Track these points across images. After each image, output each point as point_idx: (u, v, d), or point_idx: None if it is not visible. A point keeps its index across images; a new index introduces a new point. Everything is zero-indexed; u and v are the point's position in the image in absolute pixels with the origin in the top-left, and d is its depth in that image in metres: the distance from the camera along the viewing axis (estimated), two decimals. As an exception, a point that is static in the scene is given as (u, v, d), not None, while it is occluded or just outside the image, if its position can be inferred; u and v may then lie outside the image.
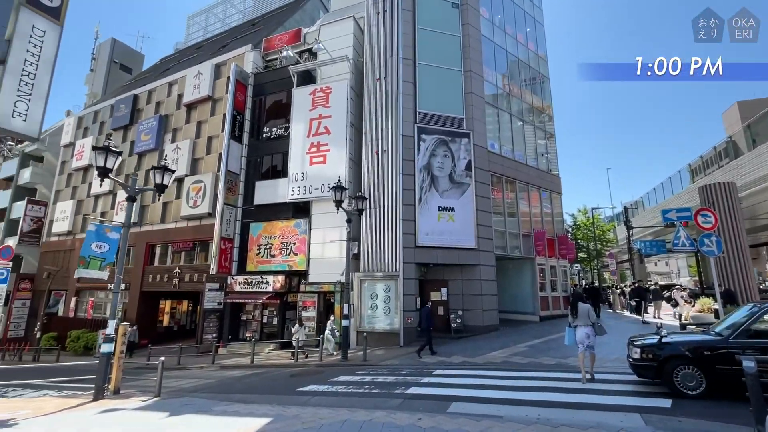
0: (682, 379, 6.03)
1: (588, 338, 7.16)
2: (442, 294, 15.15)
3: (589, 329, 7.22)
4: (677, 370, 6.08)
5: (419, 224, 14.50)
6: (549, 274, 18.14)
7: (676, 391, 6.03)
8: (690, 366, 6.02)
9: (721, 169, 21.71)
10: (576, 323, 7.39)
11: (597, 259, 36.74)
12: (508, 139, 18.25)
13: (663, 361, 6.21)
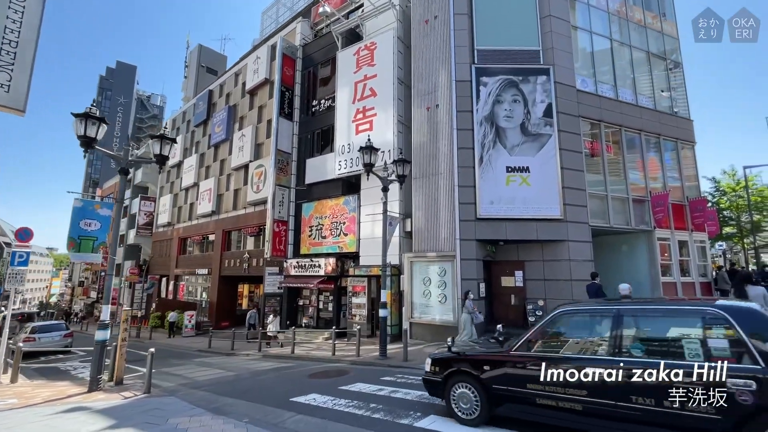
0: (458, 400, 4.73)
1: None
2: (517, 279, 11.86)
3: None
4: (455, 388, 4.79)
5: (480, 191, 11.41)
6: (676, 253, 13.23)
7: (454, 415, 4.74)
8: (468, 384, 4.67)
9: None
10: None
11: (753, 235, 27.76)
12: (608, 72, 13.63)
13: (446, 377, 4.90)
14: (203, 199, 25.75)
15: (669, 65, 15.02)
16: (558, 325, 4.50)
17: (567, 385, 3.89)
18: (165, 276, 29.52)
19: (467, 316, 9.75)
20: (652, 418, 3.50)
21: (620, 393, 3.63)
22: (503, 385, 4.36)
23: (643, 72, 14.43)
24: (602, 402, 3.72)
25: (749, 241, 28.74)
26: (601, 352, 3.98)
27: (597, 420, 3.78)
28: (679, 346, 3.70)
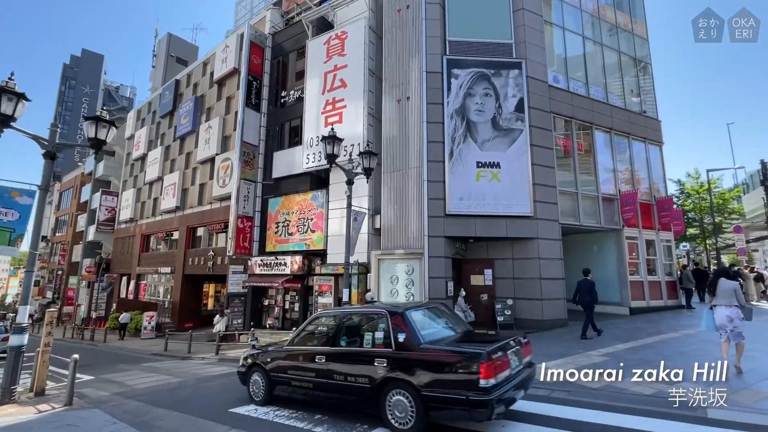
0: (253, 386, 5.91)
1: (731, 322, 5.72)
2: (486, 277, 11.55)
3: (731, 311, 5.74)
4: (252, 377, 5.94)
5: (450, 186, 11.03)
6: (643, 251, 13.28)
7: (251, 398, 5.91)
8: (259, 373, 5.85)
9: None
10: (715, 303, 6.02)
11: (715, 236, 28.80)
12: (579, 69, 13.55)
13: (248, 369, 6.03)
14: (167, 194, 24.45)
15: (638, 65, 15.12)
16: (311, 325, 5.80)
17: (305, 369, 5.26)
18: (127, 275, 27.95)
19: (460, 314, 9.25)
20: (342, 389, 4.82)
21: (329, 372, 4.95)
22: (276, 373, 5.62)
23: (614, 71, 14.46)
24: (321, 380, 5.06)
25: (711, 242, 29.83)
26: (324, 344, 5.28)
27: (320, 392, 5.12)
28: (363, 337, 4.90)
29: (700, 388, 5.19)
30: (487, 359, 3.89)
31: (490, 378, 3.85)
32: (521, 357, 4.62)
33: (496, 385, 3.91)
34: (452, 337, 4.87)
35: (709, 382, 5.41)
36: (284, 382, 5.49)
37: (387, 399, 4.37)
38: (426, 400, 4.09)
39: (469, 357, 4.00)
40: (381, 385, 4.42)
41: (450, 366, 4.10)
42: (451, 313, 6.04)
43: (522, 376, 4.41)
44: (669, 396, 5.01)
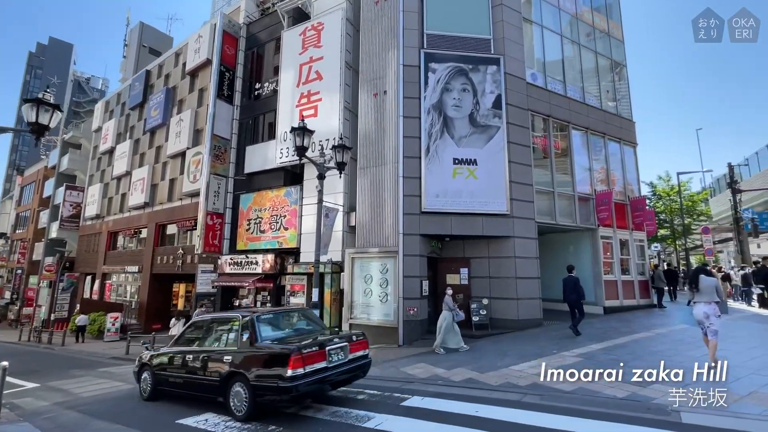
0: (143, 383, 6.74)
1: (708, 318, 5.85)
2: (462, 276, 11.32)
3: (709, 308, 5.86)
4: (142, 376, 6.79)
5: (426, 183, 10.74)
6: (618, 251, 13.35)
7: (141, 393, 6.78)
8: (148, 372, 6.68)
9: None
10: (697, 299, 6.08)
11: (684, 237, 29.68)
12: (557, 68, 13.51)
13: (140, 369, 6.87)
14: (136, 190, 23.32)
15: (614, 67, 15.25)
16: (189, 329, 6.64)
17: (179, 367, 6.04)
18: (91, 274, 26.55)
19: (448, 314, 8.71)
20: (203, 382, 5.61)
21: (195, 369, 5.75)
22: (159, 371, 6.42)
23: (591, 71, 14.52)
24: (189, 376, 5.85)
25: (681, 243, 30.77)
26: (193, 345, 6.11)
27: (189, 386, 5.92)
28: (220, 339, 5.78)
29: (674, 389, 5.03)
30: (296, 354, 4.74)
31: (297, 369, 4.70)
32: (347, 352, 5.42)
33: (305, 375, 4.75)
34: (290, 336, 5.64)
35: (682, 382, 5.28)
36: (165, 379, 6.31)
37: (230, 390, 5.15)
38: (254, 388, 4.91)
39: (282, 352, 4.89)
40: (227, 378, 5.22)
41: (270, 360, 4.96)
42: (312, 318, 6.74)
43: (347, 368, 5.35)
44: (643, 399, 4.83)
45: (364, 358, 5.73)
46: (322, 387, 5.10)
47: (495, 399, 5.24)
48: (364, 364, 5.71)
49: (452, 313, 8.74)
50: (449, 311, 8.75)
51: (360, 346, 5.69)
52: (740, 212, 18.87)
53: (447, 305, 8.78)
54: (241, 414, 4.95)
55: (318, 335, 5.63)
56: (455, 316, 8.79)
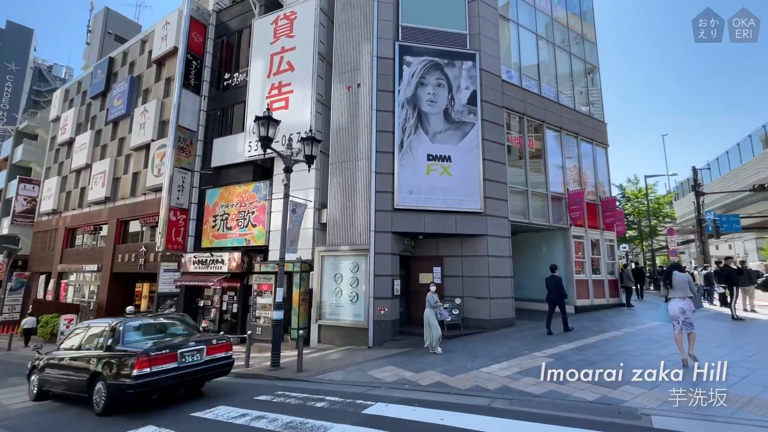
0: (31, 384, 7.34)
1: (683, 314, 6.06)
2: (435, 275, 11.07)
3: (685, 303, 6.09)
4: (32, 377, 7.35)
5: (399, 179, 10.42)
6: (589, 251, 13.47)
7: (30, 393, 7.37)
8: (36, 374, 7.23)
9: None
10: (671, 295, 6.25)
11: (651, 238, 30.75)
12: (533, 67, 13.50)
13: (31, 371, 7.49)
14: (96, 183, 21.95)
15: (587, 68, 15.43)
16: (72, 333, 7.15)
17: (59, 368, 6.62)
18: (46, 273, 24.87)
19: (430, 312, 8.24)
20: (74, 382, 6.24)
21: (70, 369, 6.37)
22: (44, 373, 6.91)
23: (565, 72, 14.61)
24: (66, 376, 6.43)
25: (647, 244, 31.86)
26: (72, 349, 6.62)
27: (66, 386, 6.47)
28: (95, 341, 6.29)
29: (644, 391, 4.88)
30: (143, 356, 5.34)
31: (143, 369, 5.28)
32: (204, 354, 6.06)
33: (151, 374, 5.33)
34: (157, 341, 6.05)
35: (654, 383, 5.15)
36: (48, 380, 6.81)
37: (94, 388, 5.74)
38: (109, 386, 5.52)
39: (131, 354, 5.46)
40: (92, 378, 5.80)
41: (122, 361, 5.50)
42: (189, 323, 7.23)
43: (202, 368, 6.00)
44: (613, 402, 4.65)
45: (226, 359, 6.45)
46: (172, 384, 5.69)
47: (463, 405, 4.95)
48: (225, 365, 6.44)
49: (434, 311, 8.31)
50: (431, 309, 8.30)
51: (221, 349, 6.41)
52: (703, 214, 19.55)
53: (428, 303, 8.31)
54: (98, 409, 5.59)
55: (182, 339, 6.25)
56: (438, 314, 8.38)
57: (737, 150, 27.46)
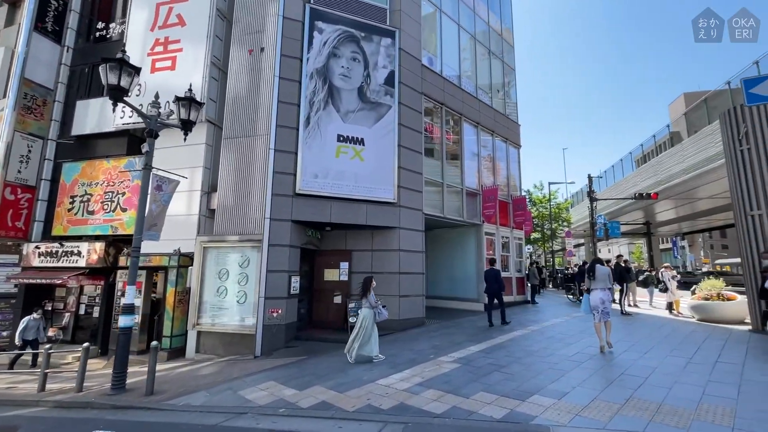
0: None
1: (603, 303, 6.42)
2: (342, 272, 9.89)
3: (605, 294, 6.48)
4: None
5: (303, 160, 9.03)
6: (499, 248, 13.50)
7: None
8: None
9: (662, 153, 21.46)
10: (594, 286, 6.55)
11: (551, 240, 33.56)
12: (454, 57, 13.11)
13: None
14: None
15: (505, 69, 15.64)
16: None
17: None
18: None
19: (369, 312, 6.80)
20: None
21: None
22: None
23: (484, 68, 14.55)
24: None
25: (548, 246, 34.72)
26: None
27: None
28: None
29: (555, 402, 4.22)
30: None
31: None
32: None
33: None
34: None
35: (563, 391, 4.55)
36: None
37: None
38: None
39: None
40: None
41: None
42: None
43: None
44: (522, 419, 3.87)
45: None
46: None
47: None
48: None
49: (374, 312, 6.85)
50: (370, 309, 6.81)
51: None
52: (596, 218, 21.44)
53: (369, 302, 6.84)
54: None
55: None
56: (378, 314, 6.87)
57: (621, 165, 31.17)
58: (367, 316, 6.81)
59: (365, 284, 6.95)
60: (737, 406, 3.97)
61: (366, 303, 6.90)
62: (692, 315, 10.00)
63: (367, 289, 6.91)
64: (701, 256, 56.69)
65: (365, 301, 6.91)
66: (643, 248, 54.93)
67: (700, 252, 57.80)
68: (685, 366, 5.50)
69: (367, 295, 6.90)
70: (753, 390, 4.40)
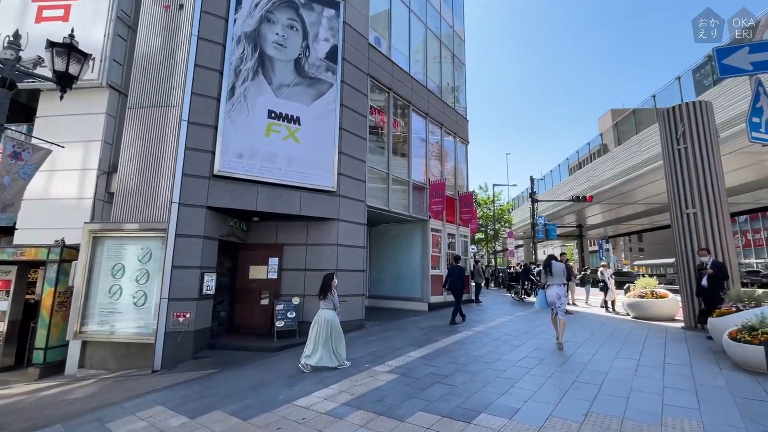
0: None
1: (559, 299, 6.46)
2: (270, 268, 8.64)
3: (561, 289, 6.52)
4: None
5: (225, 136, 7.67)
6: (445, 245, 13.01)
7: None
8: None
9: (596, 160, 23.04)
10: (550, 282, 6.60)
11: (494, 240, 34.47)
12: (403, 42, 12.37)
13: None
14: None
15: (455, 62, 15.26)
16: None
17: None
18: None
19: (332, 315, 5.84)
20: None
21: None
22: None
23: (435, 58, 14.02)
24: None
25: (491, 246, 35.60)
26: None
27: None
28: None
29: (507, 422, 3.47)
30: None
31: None
32: None
33: None
34: None
35: (513, 407, 3.83)
36: None
37: None
38: None
39: None
40: None
41: None
42: None
43: None
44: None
45: None
46: None
47: None
48: None
49: (337, 311, 5.94)
50: (335, 310, 5.90)
51: None
52: (536, 219, 22.04)
53: (333, 302, 5.90)
54: None
55: None
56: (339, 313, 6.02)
57: (558, 170, 32.82)
58: (333, 319, 5.82)
59: (326, 282, 5.93)
60: (702, 419, 3.50)
61: (326, 304, 5.88)
62: (627, 312, 10.14)
63: (329, 287, 5.90)
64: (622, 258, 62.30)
65: (324, 302, 5.89)
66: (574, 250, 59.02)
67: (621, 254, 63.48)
68: (636, 369, 5.12)
69: (327, 294, 5.86)
70: (712, 398, 4.02)
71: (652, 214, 29.20)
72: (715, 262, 7.12)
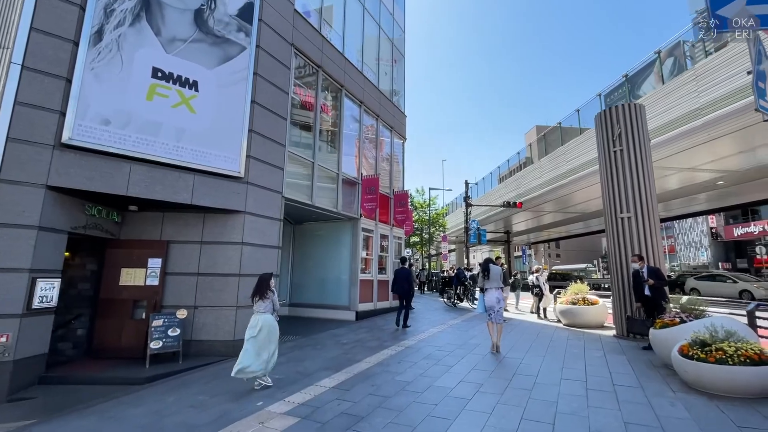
0: None
1: (498, 302, 6.42)
2: (150, 272, 6.71)
3: (499, 293, 6.48)
4: None
5: (86, 91, 5.68)
6: (377, 247, 11.89)
7: None
8: None
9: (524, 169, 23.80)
10: (488, 286, 6.51)
11: (429, 244, 34.46)
12: (338, 19, 11.08)
13: None
14: None
15: (394, 52, 14.33)
16: None
17: None
18: None
19: (272, 319, 4.99)
20: None
21: None
22: None
23: (372, 42, 12.91)
24: None
25: (426, 250, 35.54)
26: None
27: None
28: None
29: None
30: None
31: None
32: None
33: None
34: None
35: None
36: None
37: None
38: None
39: None
40: None
41: None
42: None
43: None
44: None
45: None
46: None
47: None
48: None
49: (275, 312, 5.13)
50: (274, 315, 5.07)
51: None
52: (470, 223, 22.02)
53: (274, 305, 5.08)
54: None
55: None
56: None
57: (491, 178, 33.86)
58: (273, 328, 4.95)
59: (263, 283, 5.08)
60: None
61: (264, 306, 4.95)
62: (557, 319, 9.85)
63: (267, 287, 5.05)
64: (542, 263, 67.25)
65: (263, 304, 4.94)
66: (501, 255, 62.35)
67: (541, 259, 68.47)
68: (587, 396, 4.34)
69: (266, 295, 4.98)
70: (680, 434, 3.26)
71: (569, 223, 31.25)
72: (651, 268, 6.83)
